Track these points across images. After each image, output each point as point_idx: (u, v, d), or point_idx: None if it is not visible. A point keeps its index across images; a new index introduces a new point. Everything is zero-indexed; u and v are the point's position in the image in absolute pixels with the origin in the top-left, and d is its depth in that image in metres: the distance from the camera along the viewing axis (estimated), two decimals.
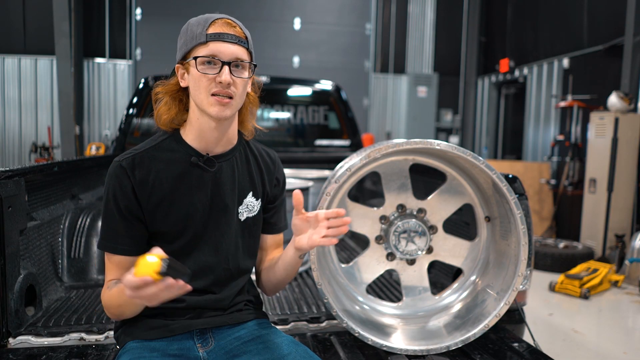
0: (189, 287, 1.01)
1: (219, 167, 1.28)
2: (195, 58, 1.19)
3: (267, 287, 1.43)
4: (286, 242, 2.40)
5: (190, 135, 1.27)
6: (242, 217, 1.33)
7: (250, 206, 1.34)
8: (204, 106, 1.20)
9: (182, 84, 1.26)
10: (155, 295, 0.99)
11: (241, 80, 1.21)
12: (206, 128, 1.24)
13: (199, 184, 1.26)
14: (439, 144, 1.56)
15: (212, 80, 1.18)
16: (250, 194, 1.34)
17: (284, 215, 1.47)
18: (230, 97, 1.19)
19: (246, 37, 1.23)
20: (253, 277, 1.49)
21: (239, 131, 1.36)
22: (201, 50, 1.18)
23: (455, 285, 1.85)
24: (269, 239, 1.45)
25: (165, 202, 1.24)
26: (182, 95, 1.28)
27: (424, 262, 1.82)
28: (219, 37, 1.18)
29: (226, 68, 1.17)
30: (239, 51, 1.20)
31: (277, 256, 1.40)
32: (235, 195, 1.31)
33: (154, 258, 0.97)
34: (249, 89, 1.30)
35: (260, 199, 1.37)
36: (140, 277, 0.96)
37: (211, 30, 1.19)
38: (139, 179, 1.22)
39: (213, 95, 1.18)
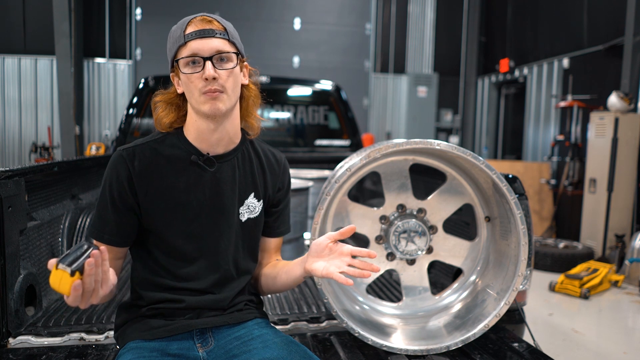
0: (102, 249, 0.96)
1: (219, 167, 1.28)
2: (177, 61, 1.20)
3: (262, 290, 1.44)
4: (288, 242, 2.37)
5: (191, 135, 1.28)
6: (243, 218, 1.33)
7: (251, 207, 1.34)
8: (198, 106, 1.20)
9: (179, 91, 1.27)
10: (89, 286, 0.95)
11: (227, 71, 1.20)
12: (205, 130, 1.25)
13: (198, 182, 1.26)
14: (439, 144, 1.56)
15: (199, 79, 1.18)
16: (252, 194, 1.34)
17: (287, 219, 1.46)
18: (221, 91, 1.19)
19: (225, 29, 1.23)
20: None
21: (243, 131, 1.36)
22: (182, 52, 1.20)
23: (455, 285, 1.85)
24: (270, 242, 1.45)
25: (162, 197, 1.24)
26: (180, 101, 1.30)
27: (424, 262, 1.82)
28: (196, 35, 1.19)
29: (208, 63, 1.18)
30: (219, 44, 1.20)
31: (278, 264, 1.39)
32: (236, 196, 1.31)
33: (58, 273, 0.91)
34: (245, 81, 1.30)
35: (262, 200, 1.36)
36: (60, 291, 0.91)
37: (188, 30, 1.20)
38: (138, 169, 1.22)
39: (204, 93, 1.19)
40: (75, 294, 0.92)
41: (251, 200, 1.34)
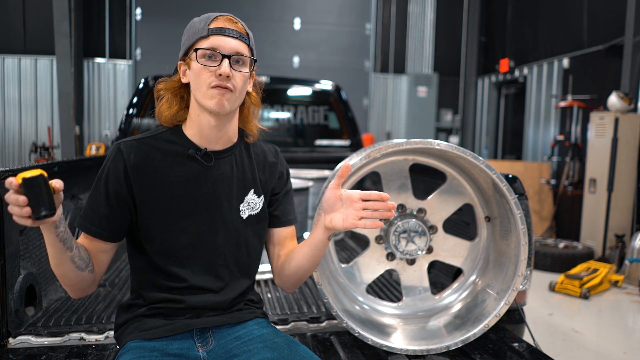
0: (28, 221, 0.95)
1: (217, 163, 1.29)
2: (196, 50, 1.21)
3: (289, 281, 1.37)
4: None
5: (190, 130, 1.29)
6: (244, 215, 1.33)
7: (252, 204, 1.34)
8: (204, 99, 1.21)
9: (184, 81, 1.28)
10: (9, 202, 0.95)
11: (241, 74, 1.22)
12: (206, 125, 1.25)
13: (194, 177, 1.26)
14: (439, 144, 1.56)
15: (212, 73, 1.19)
16: (252, 191, 1.34)
17: (292, 208, 1.44)
18: (231, 90, 1.21)
19: (247, 34, 1.26)
20: (257, 277, 1.48)
21: (240, 130, 1.36)
22: (202, 43, 1.21)
23: (455, 285, 1.85)
24: (280, 233, 1.41)
25: (157, 192, 1.24)
26: (184, 92, 1.30)
27: (424, 262, 1.82)
28: (220, 32, 1.20)
29: (226, 61, 1.19)
30: (239, 46, 1.22)
31: (296, 247, 1.35)
32: (234, 193, 1.31)
33: (38, 171, 0.94)
34: (250, 89, 1.31)
35: (262, 196, 1.36)
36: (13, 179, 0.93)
37: (213, 25, 1.21)
38: (134, 162, 1.22)
39: (214, 87, 1.19)
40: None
41: (251, 197, 1.34)
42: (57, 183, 0.98)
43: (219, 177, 1.29)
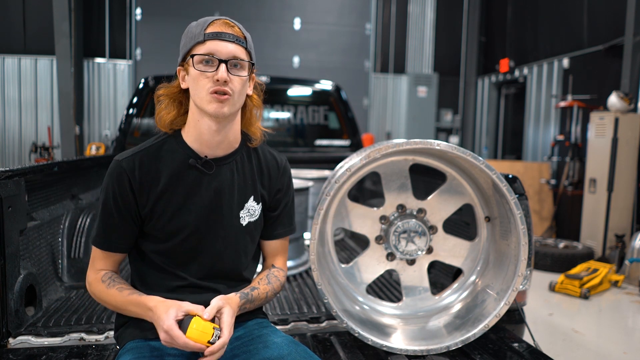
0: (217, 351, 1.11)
1: (218, 171, 1.28)
2: (192, 56, 1.20)
3: None
4: (292, 240, 2.37)
5: (190, 137, 1.28)
6: (244, 222, 1.33)
7: (251, 210, 1.34)
8: (203, 104, 1.21)
9: (183, 86, 1.27)
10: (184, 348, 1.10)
11: (239, 78, 1.22)
12: (206, 130, 1.25)
13: (196, 186, 1.26)
14: (439, 144, 1.56)
15: (210, 78, 1.19)
16: (252, 198, 1.34)
17: (286, 221, 1.43)
18: (229, 95, 1.20)
19: (245, 37, 1.25)
20: None
21: (243, 134, 1.36)
22: (199, 49, 1.20)
23: (455, 285, 1.85)
24: (270, 245, 1.42)
25: (161, 203, 1.24)
26: (182, 98, 1.30)
27: (424, 262, 1.82)
28: (216, 36, 1.20)
29: (223, 66, 1.18)
30: (236, 50, 1.21)
31: (265, 271, 1.41)
32: (234, 200, 1.31)
33: (208, 327, 1.10)
34: (250, 91, 1.31)
35: (260, 203, 1.36)
36: (195, 343, 1.08)
37: (209, 30, 1.21)
38: (138, 179, 1.23)
39: (212, 93, 1.19)
40: (194, 349, 1.10)
41: (251, 203, 1.34)
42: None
43: (220, 185, 1.29)
